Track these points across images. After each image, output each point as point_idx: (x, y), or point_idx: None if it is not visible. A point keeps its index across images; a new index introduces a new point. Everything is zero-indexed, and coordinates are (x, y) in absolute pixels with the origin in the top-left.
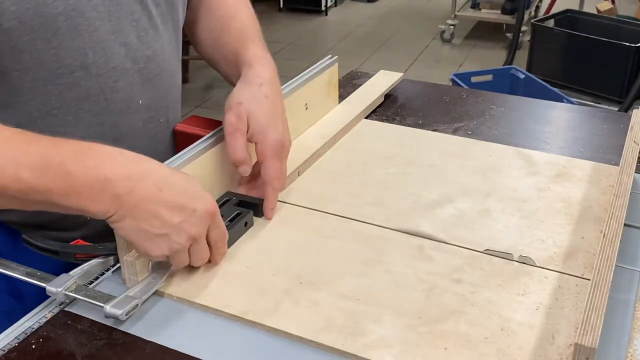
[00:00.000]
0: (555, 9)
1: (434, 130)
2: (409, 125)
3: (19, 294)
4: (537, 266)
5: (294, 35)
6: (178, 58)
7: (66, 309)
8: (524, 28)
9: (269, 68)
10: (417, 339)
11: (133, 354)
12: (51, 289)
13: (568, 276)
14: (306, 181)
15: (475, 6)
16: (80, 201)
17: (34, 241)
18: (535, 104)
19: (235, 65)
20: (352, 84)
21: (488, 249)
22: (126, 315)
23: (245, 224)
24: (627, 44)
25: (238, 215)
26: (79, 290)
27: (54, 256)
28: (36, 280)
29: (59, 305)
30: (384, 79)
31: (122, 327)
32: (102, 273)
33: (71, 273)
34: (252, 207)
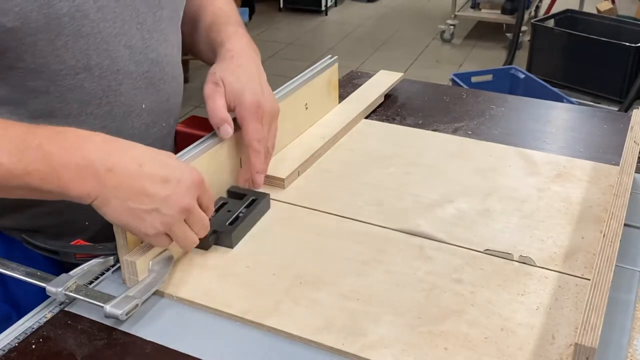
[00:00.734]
0: (555, 9)
1: (434, 130)
2: (409, 125)
3: (15, 301)
4: (537, 266)
5: (294, 35)
6: (180, 62)
7: (66, 309)
8: (524, 28)
9: (239, 41)
10: (417, 339)
11: (133, 354)
12: (51, 289)
13: (568, 276)
14: (306, 181)
15: (475, 6)
16: (60, 184)
17: (34, 241)
18: (535, 104)
19: (212, 50)
20: (352, 84)
21: (488, 249)
22: (126, 315)
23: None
24: (627, 44)
25: (254, 201)
26: (79, 290)
27: (54, 256)
28: (36, 280)
29: (59, 305)
30: (384, 79)
31: (122, 327)
32: (102, 273)
33: (71, 273)
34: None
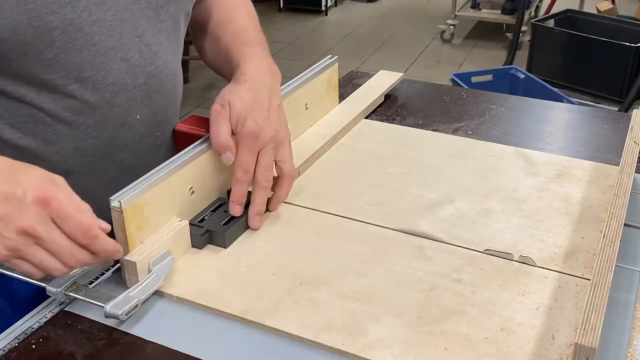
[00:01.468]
0: (555, 9)
1: (434, 130)
2: (409, 125)
3: (9, 294)
4: (537, 266)
5: (294, 35)
6: (180, 72)
7: (66, 309)
8: (524, 28)
9: (255, 66)
10: (417, 339)
11: (133, 354)
12: (51, 289)
13: (568, 276)
14: (306, 181)
15: (475, 6)
16: None
17: None
18: (535, 104)
19: (230, 69)
20: (352, 84)
21: (488, 249)
22: (126, 315)
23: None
24: (627, 44)
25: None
26: (79, 290)
27: None
28: (36, 280)
29: (59, 305)
30: (384, 79)
31: (122, 327)
32: (102, 273)
33: (71, 273)
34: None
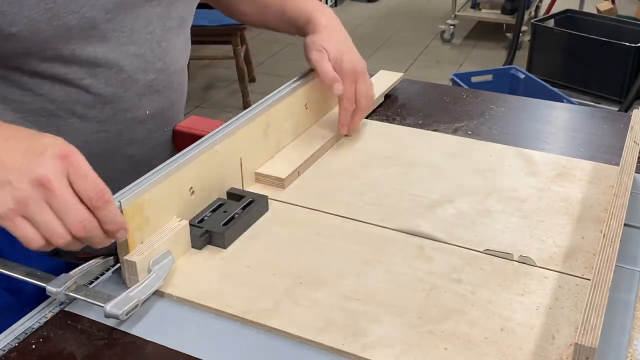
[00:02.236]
0: (555, 9)
1: (434, 130)
2: (409, 125)
3: (17, 290)
4: (537, 266)
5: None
6: (186, 70)
7: (66, 309)
8: (524, 28)
9: (323, 16)
10: (417, 339)
11: (133, 354)
12: (51, 289)
13: (568, 276)
14: (306, 181)
15: (475, 6)
16: None
17: None
18: (535, 104)
19: (290, 24)
20: None
21: (488, 249)
22: (126, 315)
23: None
24: (627, 44)
25: (251, 202)
26: (79, 290)
27: (54, 256)
28: (36, 280)
29: (59, 305)
30: (384, 79)
31: (122, 327)
32: (102, 273)
33: (71, 273)
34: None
